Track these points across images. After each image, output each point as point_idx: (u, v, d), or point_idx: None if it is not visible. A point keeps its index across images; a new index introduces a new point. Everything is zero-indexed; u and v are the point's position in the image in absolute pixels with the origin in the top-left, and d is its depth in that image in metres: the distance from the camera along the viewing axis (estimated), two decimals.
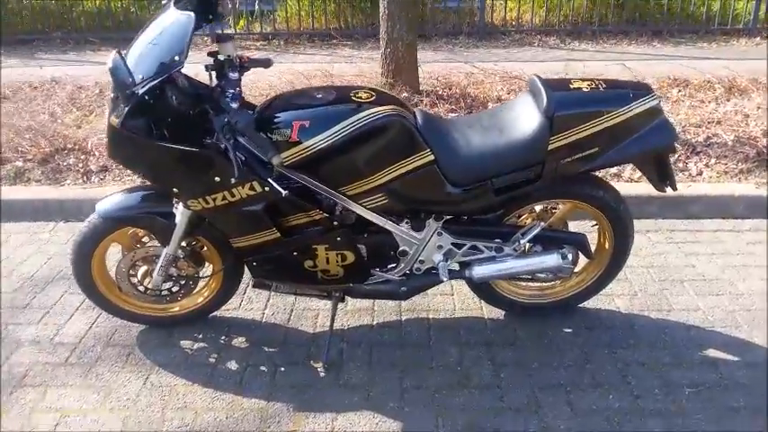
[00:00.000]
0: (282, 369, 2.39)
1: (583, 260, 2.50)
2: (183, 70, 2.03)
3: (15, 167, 3.84)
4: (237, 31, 7.50)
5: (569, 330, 2.56)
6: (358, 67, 5.18)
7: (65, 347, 2.53)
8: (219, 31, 2.32)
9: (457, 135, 2.17)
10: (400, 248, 2.29)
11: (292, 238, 2.19)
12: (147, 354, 2.49)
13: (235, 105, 1.99)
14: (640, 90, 2.13)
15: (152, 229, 2.34)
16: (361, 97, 2.10)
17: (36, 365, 2.43)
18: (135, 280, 2.44)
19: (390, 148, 2.07)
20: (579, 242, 2.37)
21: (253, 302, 2.79)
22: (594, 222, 2.46)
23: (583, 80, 2.16)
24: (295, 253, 2.23)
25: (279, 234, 2.16)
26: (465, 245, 2.30)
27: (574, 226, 2.61)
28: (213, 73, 2.14)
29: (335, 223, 2.17)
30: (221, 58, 2.11)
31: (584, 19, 6.96)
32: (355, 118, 2.01)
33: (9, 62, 6.47)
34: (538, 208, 2.42)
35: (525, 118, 2.13)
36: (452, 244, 2.29)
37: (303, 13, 7.34)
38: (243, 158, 2.00)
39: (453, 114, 4.16)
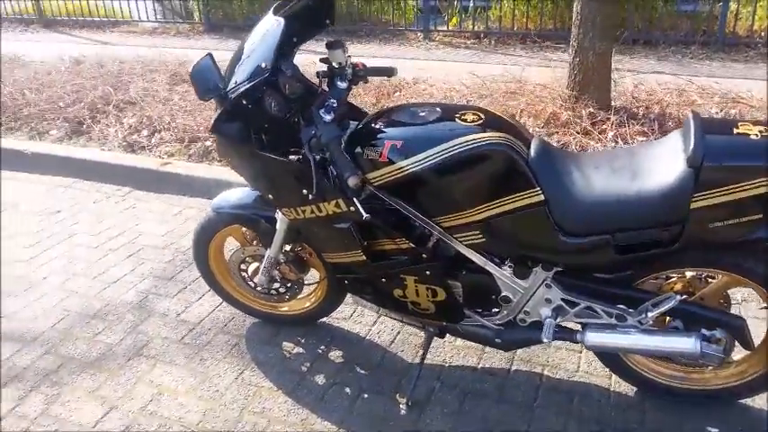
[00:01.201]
0: (366, 396, 2.26)
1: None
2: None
3: (205, 146, 4.21)
4: (450, 28, 7.45)
5: (714, 430, 2.04)
6: (554, 73, 4.77)
7: (185, 326, 2.68)
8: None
9: (577, 174, 1.81)
10: (502, 294, 2.00)
11: (379, 263, 2.03)
12: (249, 348, 2.53)
13: (328, 117, 1.87)
14: None
15: (257, 230, 2.34)
16: (466, 119, 1.85)
17: (157, 338, 2.61)
18: (245, 275, 2.49)
19: (491, 181, 1.80)
20: (734, 327, 1.85)
21: (364, 316, 2.69)
22: (765, 305, 1.91)
23: (756, 123, 1.65)
24: (383, 279, 2.07)
25: (365, 257, 2.01)
26: (579, 304, 1.93)
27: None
28: (325, 80, 2.07)
29: (424, 256, 1.96)
30: (335, 65, 2.02)
31: None
32: (453, 143, 1.78)
33: (227, 44, 7.14)
34: (689, 274, 1.95)
35: (666, 164, 1.70)
36: (563, 300, 1.94)
37: (518, 12, 7.02)
38: (334, 173, 1.89)
39: (642, 138, 3.61)
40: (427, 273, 1.98)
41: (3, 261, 3.23)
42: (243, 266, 2.48)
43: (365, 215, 1.83)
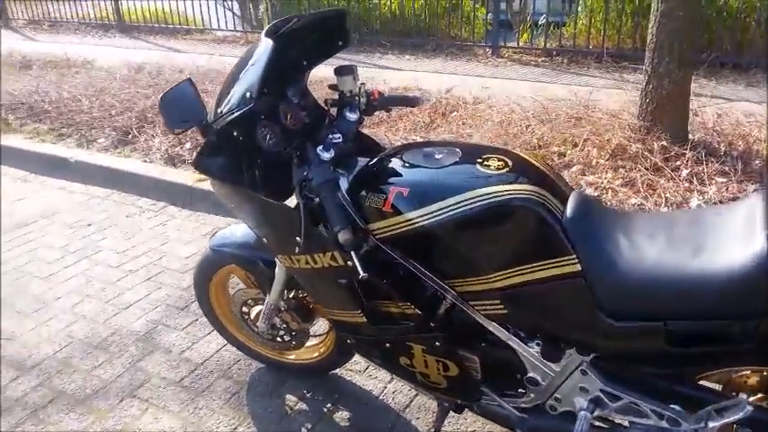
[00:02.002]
0: None
1: None
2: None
3: None
4: (520, 44, 7.05)
5: None
6: (627, 96, 4.32)
7: (187, 365, 2.47)
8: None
9: (624, 241, 1.46)
10: (528, 375, 1.66)
11: (382, 327, 1.73)
12: (249, 399, 2.29)
13: (326, 155, 1.60)
14: None
15: (254, 273, 2.10)
16: (489, 166, 1.53)
17: (155, 378, 2.41)
18: (247, 318, 2.24)
19: (516, 244, 1.47)
20: None
21: (380, 371, 2.38)
22: None
23: None
24: (388, 345, 1.77)
25: (365, 319, 1.72)
26: (621, 399, 1.57)
27: None
28: (335, 110, 1.80)
29: (432, 324, 1.64)
30: (345, 93, 1.75)
31: None
32: (469, 195, 1.46)
33: None
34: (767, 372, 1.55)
35: (740, 238, 1.32)
36: (602, 392, 1.58)
37: (594, 29, 6.55)
38: None
39: (722, 180, 3.14)
40: (437, 344, 1.67)
41: (22, 275, 3.15)
42: (245, 309, 2.24)
43: (362, 274, 1.53)
